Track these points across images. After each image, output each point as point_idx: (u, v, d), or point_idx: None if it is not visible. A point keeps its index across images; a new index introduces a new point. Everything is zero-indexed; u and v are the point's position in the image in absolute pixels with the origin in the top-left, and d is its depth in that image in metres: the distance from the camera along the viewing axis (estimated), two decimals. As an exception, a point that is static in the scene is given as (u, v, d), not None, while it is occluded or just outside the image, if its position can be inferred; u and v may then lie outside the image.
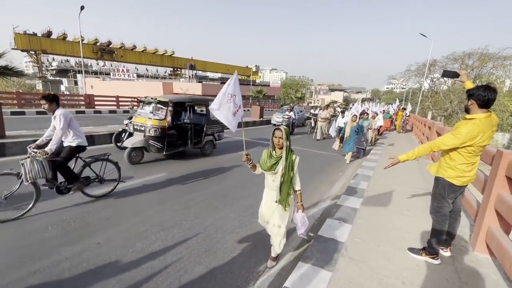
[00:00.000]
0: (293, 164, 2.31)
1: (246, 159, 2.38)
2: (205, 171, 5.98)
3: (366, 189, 4.55)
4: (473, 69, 24.06)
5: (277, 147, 2.32)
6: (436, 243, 2.47)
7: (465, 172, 2.31)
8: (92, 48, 49.27)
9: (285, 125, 10.77)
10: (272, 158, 2.34)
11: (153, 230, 3.29)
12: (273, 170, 2.31)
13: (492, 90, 2.15)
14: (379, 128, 12.96)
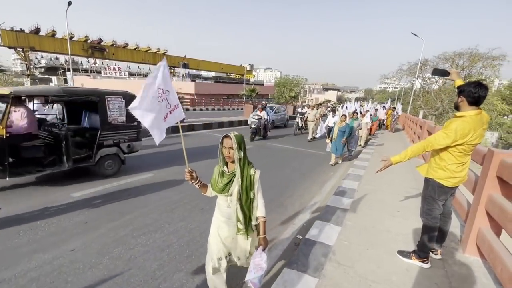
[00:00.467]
0: (252, 181, 1.73)
1: (189, 177, 1.78)
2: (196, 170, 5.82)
3: (356, 189, 4.46)
4: (463, 68, 24.40)
5: (228, 161, 1.74)
6: (426, 247, 2.38)
7: (455, 172, 2.22)
8: (82, 45, 48.32)
9: (254, 127, 9.87)
10: (224, 176, 1.77)
11: (133, 235, 3.13)
12: (226, 192, 1.74)
13: (483, 87, 2.06)
14: (371, 128, 12.75)
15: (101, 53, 50.84)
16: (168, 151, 7.53)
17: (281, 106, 16.46)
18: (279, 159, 7.50)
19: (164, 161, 6.38)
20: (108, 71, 45.39)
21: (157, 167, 5.83)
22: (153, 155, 6.99)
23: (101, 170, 5.03)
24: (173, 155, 7.02)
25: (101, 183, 4.72)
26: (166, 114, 1.80)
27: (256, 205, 1.78)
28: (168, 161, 6.40)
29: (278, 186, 5.15)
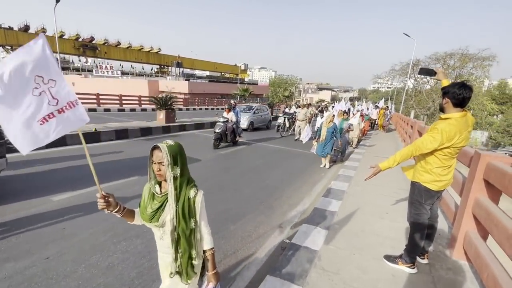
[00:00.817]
0: (191, 206, 1.32)
1: (103, 205, 1.32)
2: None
3: (346, 190, 4.41)
4: (454, 69, 24.73)
5: (160, 179, 1.31)
6: (414, 252, 2.32)
7: (441, 176, 2.17)
8: (73, 43, 47.49)
9: (218, 131, 8.38)
10: (155, 200, 1.35)
11: (113, 241, 3.00)
12: (156, 221, 1.31)
13: (468, 88, 2.01)
14: (364, 128, 12.53)
15: (93, 51, 50.05)
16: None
17: (263, 106, 14.91)
18: (270, 160, 7.43)
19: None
20: (100, 70, 44.67)
21: (137, 173, 5.63)
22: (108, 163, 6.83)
23: None
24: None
25: (84, 185, 4.56)
26: (48, 114, 1.21)
27: (199, 237, 1.37)
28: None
29: (268, 188, 5.07)
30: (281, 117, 12.41)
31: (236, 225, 3.56)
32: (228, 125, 8.49)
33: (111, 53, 52.12)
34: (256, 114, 13.21)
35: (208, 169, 6.08)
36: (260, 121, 13.57)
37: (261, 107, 14.40)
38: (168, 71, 59.22)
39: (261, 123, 13.77)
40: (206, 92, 40.20)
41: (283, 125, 12.12)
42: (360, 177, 5.21)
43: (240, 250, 2.99)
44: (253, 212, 4.00)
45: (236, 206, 4.18)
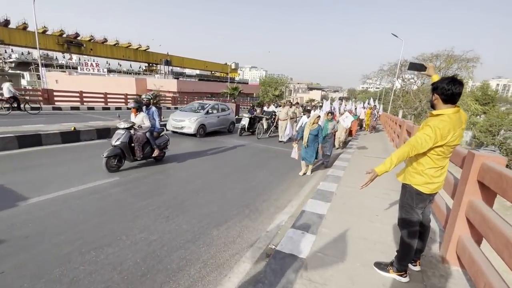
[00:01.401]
0: None
1: None
2: (166, 174, 5.41)
3: (335, 191, 4.26)
4: (440, 70, 25.26)
5: None
6: (405, 259, 2.17)
7: (434, 177, 2.03)
8: (57, 39, 45.86)
9: (115, 144, 5.18)
10: None
11: (82, 250, 2.72)
12: None
13: (457, 83, 1.86)
14: (350, 129, 12.17)
15: (78, 48, 48.53)
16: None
17: (223, 104, 12.00)
18: (259, 160, 7.23)
19: (129, 164, 5.87)
20: (85, 67, 43.26)
21: (117, 174, 5.30)
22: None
23: None
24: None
25: (55, 189, 4.22)
26: None
27: None
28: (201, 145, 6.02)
29: (255, 189, 4.87)
30: (245, 118, 10.95)
31: (219, 230, 3.34)
32: (137, 134, 5.53)
33: (97, 50, 50.68)
34: (211, 115, 10.51)
35: (201, 166, 5.82)
36: (217, 124, 10.85)
37: (220, 105, 11.65)
38: (156, 69, 58.08)
39: (219, 126, 11.13)
40: (196, 91, 39.60)
41: (260, 125, 10.91)
42: (349, 177, 5.09)
43: (222, 259, 2.77)
44: (238, 215, 3.79)
45: (220, 209, 3.96)
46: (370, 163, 6.58)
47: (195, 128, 9.63)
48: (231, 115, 12.14)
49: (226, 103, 12.94)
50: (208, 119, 10.32)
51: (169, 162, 6.26)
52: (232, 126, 12.02)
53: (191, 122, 9.70)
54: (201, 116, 10.07)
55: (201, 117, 10.01)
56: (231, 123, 11.95)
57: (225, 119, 11.52)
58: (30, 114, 11.87)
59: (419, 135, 1.92)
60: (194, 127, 9.62)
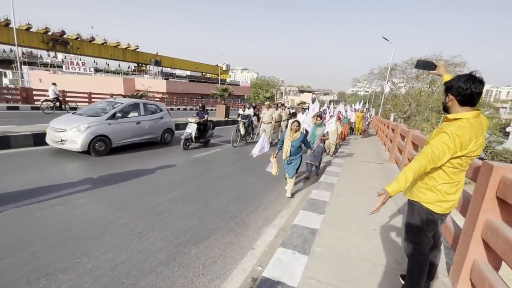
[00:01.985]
0: None
1: None
2: (145, 180, 4.95)
3: (328, 201, 3.92)
4: (429, 74, 25.63)
5: None
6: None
7: (448, 194, 1.70)
8: (42, 37, 44.29)
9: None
10: None
11: (30, 278, 2.27)
12: None
13: (477, 81, 1.55)
14: (342, 133, 11.39)
15: (64, 46, 47.04)
16: (119, 156, 6.48)
17: (148, 103, 8.39)
18: (247, 165, 6.84)
19: (99, 169, 5.40)
20: (71, 66, 41.88)
21: (88, 181, 4.84)
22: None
23: None
24: (120, 160, 6.05)
25: (17, 197, 3.70)
26: None
27: None
28: (104, 169, 5.42)
29: (241, 198, 4.48)
30: (191, 124, 7.98)
31: (199, 249, 2.93)
32: None
33: (84, 49, 49.29)
34: (121, 120, 6.90)
35: (189, 170, 5.37)
36: (136, 133, 7.36)
37: (146, 105, 8.07)
38: (146, 69, 56.97)
39: (144, 136, 7.66)
40: (186, 92, 38.95)
41: (235, 132, 9.08)
42: (342, 185, 4.77)
43: (199, 285, 2.37)
44: (222, 229, 3.40)
45: (203, 222, 3.55)
46: (363, 168, 6.31)
47: (84, 142, 5.98)
48: (166, 119, 8.54)
49: (158, 103, 9.20)
50: (114, 126, 6.66)
51: (150, 167, 5.80)
52: (168, 135, 8.63)
53: (76, 132, 6.00)
54: (98, 123, 6.34)
55: (97, 124, 6.30)
56: (165, 131, 8.40)
57: (155, 126, 7.99)
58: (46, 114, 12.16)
59: (435, 144, 1.58)
60: (82, 141, 5.95)
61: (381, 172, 5.96)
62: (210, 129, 8.83)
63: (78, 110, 7.56)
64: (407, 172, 1.58)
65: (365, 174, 5.72)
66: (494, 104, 61.29)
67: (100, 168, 5.37)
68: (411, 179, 1.56)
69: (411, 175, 1.56)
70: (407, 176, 1.56)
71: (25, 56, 50.12)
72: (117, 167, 5.53)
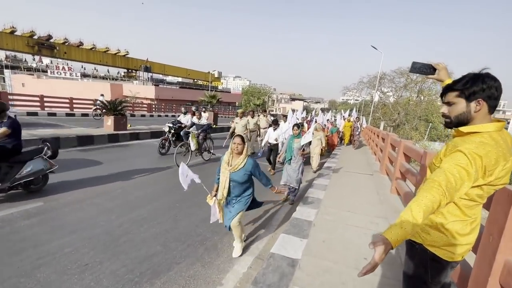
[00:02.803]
0: None
1: None
2: (109, 197, 4.37)
3: (313, 221, 3.46)
4: (417, 83, 26.01)
5: None
6: None
7: (460, 236, 1.26)
8: (27, 41, 43.08)
9: None
10: None
11: None
12: None
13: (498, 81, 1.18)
14: (328, 142, 10.50)
15: (51, 51, 45.90)
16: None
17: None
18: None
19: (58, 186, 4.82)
20: (56, 71, 40.70)
21: (52, 193, 4.25)
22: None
23: None
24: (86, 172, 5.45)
25: None
26: None
27: None
28: (62, 186, 4.82)
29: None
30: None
31: (154, 286, 2.40)
32: None
33: (72, 53, 48.23)
34: None
35: (160, 183, 4.81)
36: None
37: None
38: (136, 75, 56.09)
39: None
40: (175, 98, 38.32)
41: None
42: (331, 200, 4.33)
43: None
44: (188, 257, 2.87)
45: (167, 247, 3.02)
46: (353, 180, 5.91)
47: None
48: None
49: None
50: None
51: (119, 180, 5.22)
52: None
53: None
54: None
55: None
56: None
57: None
58: None
59: (449, 168, 1.11)
60: None
61: (372, 185, 5.58)
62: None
63: None
64: (415, 211, 1.06)
65: (355, 187, 5.32)
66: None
67: (59, 179, 4.77)
68: (421, 221, 1.04)
69: (420, 215, 1.04)
70: (414, 217, 1.04)
71: (8, 59, 48.61)
72: (83, 181, 4.94)
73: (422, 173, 3.13)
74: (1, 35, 41.05)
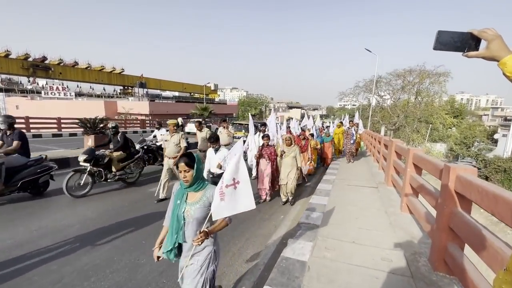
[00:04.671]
0: None
1: None
2: (57, 235, 3.58)
3: (308, 263, 2.68)
4: (414, 85, 25.49)
5: None
6: None
7: None
8: (22, 63, 43.18)
9: None
10: None
11: None
12: None
13: None
14: (324, 157, 9.14)
15: (46, 72, 46.06)
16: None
17: None
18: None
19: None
20: (50, 91, 40.44)
21: (12, 224, 3.49)
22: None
23: None
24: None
25: None
26: None
27: None
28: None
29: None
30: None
31: None
32: None
33: (67, 73, 48.38)
34: None
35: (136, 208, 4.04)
36: None
37: None
38: (132, 92, 55.99)
39: None
40: (170, 113, 37.85)
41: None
42: (330, 228, 3.55)
43: None
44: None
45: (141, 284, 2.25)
46: (356, 195, 5.15)
47: None
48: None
49: None
50: None
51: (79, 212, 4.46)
52: None
53: None
54: None
55: None
56: None
57: None
58: None
59: None
60: None
61: (378, 201, 4.81)
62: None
63: None
64: None
65: (359, 205, 4.55)
66: (477, 112, 62.65)
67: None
68: None
69: None
70: None
71: (4, 83, 48.55)
72: (24, 217, 4.18)
73: (445, 196, 2.38)
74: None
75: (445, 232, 2.38)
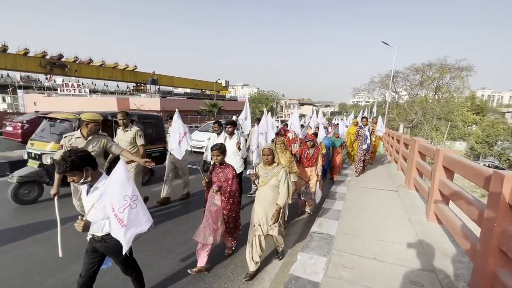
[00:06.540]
0: None
1: None
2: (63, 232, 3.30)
3: (321, 285, 2.27)
4: (433, 80, 24.19)
5: None
6: None
7: None
8: (39, 61, 44.53)
9: None
10: None
11: None
12: None
13: None
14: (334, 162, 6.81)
15: (62, 69, 47.37)
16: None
17: None
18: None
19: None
20: (66, 88, 41.44)
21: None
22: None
23: None
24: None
25: None
26: None
27: None
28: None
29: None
30: None
31: None
32: None
33: (83, 71, 49.63)
34: None
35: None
36: None
37: None
38: (145, 88, 56.69)
39: None
40: (181, 109, 37.93)
41: None
42: (345, 241, 3.11)
43: None
44: None
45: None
46: (374, 200, 4.65)
47: None
48: None
49: None
50: None
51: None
52: None
53: None
54: None
55: None
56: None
57: None
58: None
59: None
60: None
61: (400, 207, 4.30)
62: None
63: None
64: None
65: (378, 212, 4.07)
66: (499, 109, 59.31)
67: None
68: None
69: None
70: None
71: (23, 80, 50.26)
72: None
73: (495, 211, 1.89)
74: (15, 57, 42.61)
75: (494, 256, 1.92)
